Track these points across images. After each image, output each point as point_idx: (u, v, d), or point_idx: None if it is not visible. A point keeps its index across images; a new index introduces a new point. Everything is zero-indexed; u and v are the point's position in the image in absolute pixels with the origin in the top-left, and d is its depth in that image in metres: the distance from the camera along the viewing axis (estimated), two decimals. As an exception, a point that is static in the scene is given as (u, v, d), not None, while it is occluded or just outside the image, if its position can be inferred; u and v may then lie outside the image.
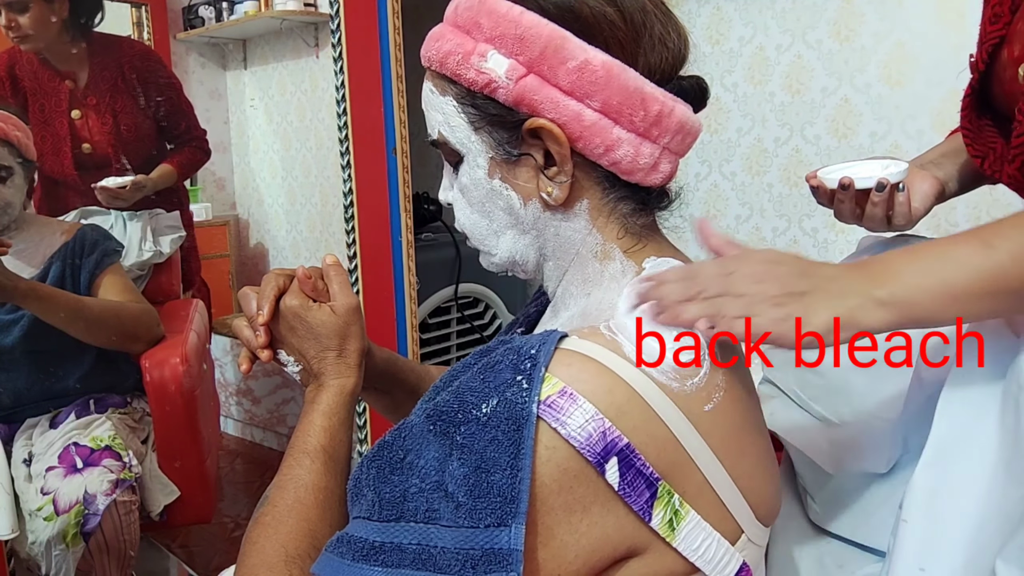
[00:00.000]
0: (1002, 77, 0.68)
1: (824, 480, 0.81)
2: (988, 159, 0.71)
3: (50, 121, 1.88)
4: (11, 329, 1.48)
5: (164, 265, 1.97)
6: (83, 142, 1.91)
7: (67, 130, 1.89)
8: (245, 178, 3.05)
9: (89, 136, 1.92)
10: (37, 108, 1.86)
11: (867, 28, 1.82)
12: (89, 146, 1.92)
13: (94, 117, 1.91)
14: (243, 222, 3.07)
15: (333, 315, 0.66)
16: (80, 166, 1.91)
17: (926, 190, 0.82)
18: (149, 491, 1.50)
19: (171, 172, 1.98)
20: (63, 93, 1.88)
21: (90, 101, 1.90)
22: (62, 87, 1.88)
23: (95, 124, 1.91)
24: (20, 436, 1.50)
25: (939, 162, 0.86)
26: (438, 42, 0.58)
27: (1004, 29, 0.67)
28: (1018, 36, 0.65)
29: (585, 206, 0.59)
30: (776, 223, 2.07)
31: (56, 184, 1.97)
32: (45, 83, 1.87)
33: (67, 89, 1.89)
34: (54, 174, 1.92)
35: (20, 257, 1.53)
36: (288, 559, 0.55)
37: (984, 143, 0.72)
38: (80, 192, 1.92)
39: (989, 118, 0.73)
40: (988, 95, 0.72)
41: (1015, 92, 0.63)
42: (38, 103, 1.87)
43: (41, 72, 1.87)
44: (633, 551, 0.50)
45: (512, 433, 0.46)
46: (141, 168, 1.95)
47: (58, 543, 1.29)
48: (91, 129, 1.91)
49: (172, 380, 1.51)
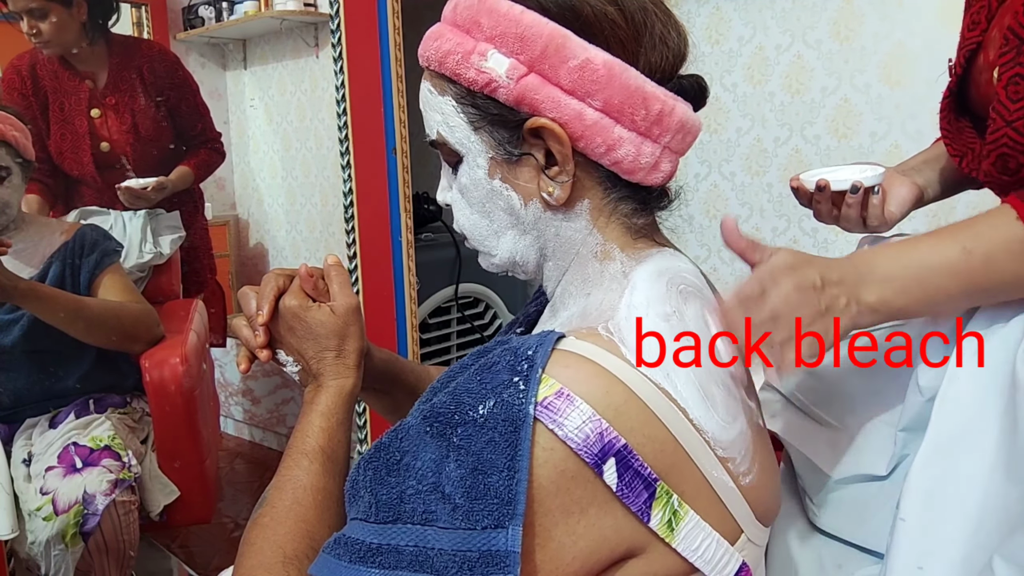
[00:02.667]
0: (979, 80, 0.73)
1: (823, 482, 0.81)
2: (966, 158, 0.75)
3: (70, 120, 1.91)
4: (11, 329, 1.48)
5: (164, 265, 1.97)
6: (102, 141, 1.95)
7: (86, 128, 1.92)
8: (245, 178, 3.05)
9: (108, 135, 1.95)
10: (57, 107, 1.89)
11: (867, 28, 1.82)
12: (107, 145, 1.95)
13: (113, 117, 1.95)
14: (243, 222, 3.07)
15: (332, 315, 0.66)
16: (98, 164, 1.95)
17: (904, 195, 0.87)
18: (149, 491, 1.50)
19: (189, 173, 2.04)
20: (83, 92, 1.92)
21: (109, 101, 1.94)
22: (82, 87, 1.92)
23: (114, 123, 1.95)
24: (20, 436, 1.50)
25: (919, 168, 0.90)
26: (436, 41, 0.58)
27: (981, 36, 0.72)
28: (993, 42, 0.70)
29: (586, 206, 0.59)
30: (776, 223, 2.07)
31: (74, 182, 2.00)
32: (65, 82, 1.90)
33: (87, 89, 1.92)
34: (73, 172, 1.96)
35: (19, 257, 1.53)
36: (286, 560, 0.55)
37: (963, 143, 0.76)
38: (97, 190, 1.95)
39: (967, 120, 0.77)
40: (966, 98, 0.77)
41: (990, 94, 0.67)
42: (58, 102, 1.90)
43: (61, 72, 1.90)
44: (632, 552, 0.50)
45: (509, 435, 0.46)
46: (156, 168, 1.98)
47: (57, 543, 1.29)
48: (110, 128, 1.95)
49: (172, 380, 1.51)
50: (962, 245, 0.61)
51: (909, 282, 0.62)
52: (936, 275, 0.62)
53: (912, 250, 0.63)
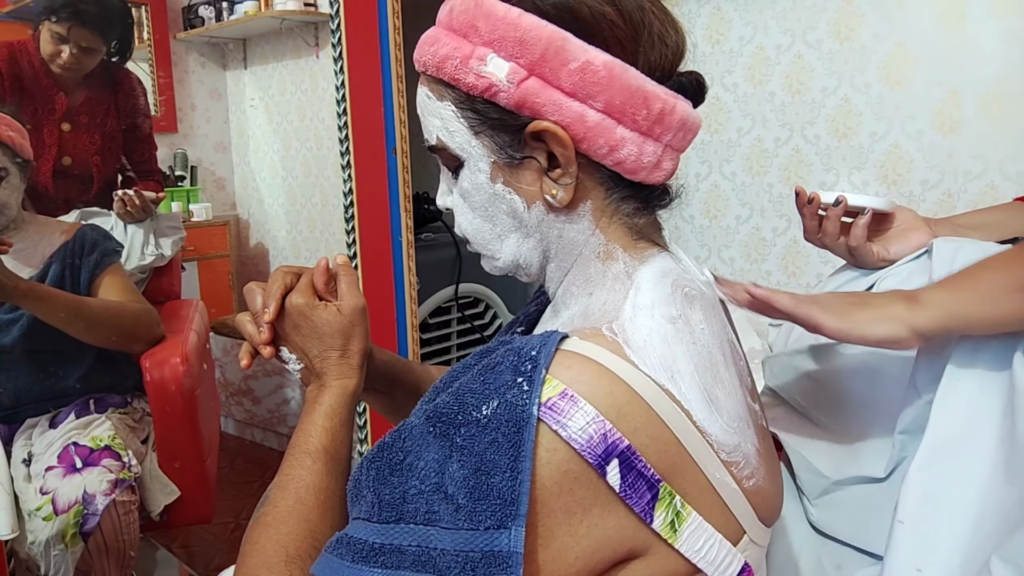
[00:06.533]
0: None
1: (822, 483, 0.81)
2: None
3: (39, 126, 1.91)
4: (11, 329, 1.48)
5: (165, 266, 1.97)
6: (64, 155, 1.96)
7: (56, 139, 1.93)
8: (245, 178, 3.05)
9: (72, 150, 1.97)
10: (30, 111, 1.89)
11: (867, 28, 1.82)
12: (69, 159, 1.97)
13: (82, 133, 1.97)
14: (243, 222, 3.07)
15: (338, 315, 0.66)
16: (54, 174, 1.96)
17: (914, 242, 0.86)
18: (149, 491, 1.50)
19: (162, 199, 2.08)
20: (59, 104, 1.93)
21: (81, 119, 1.96)
22: (58, 98, 1.92)
23: (82, 140, 1.97)
24: (20, 436, 1.50)
25: (968, 223, 0.89)
26: (433, 46, 0.57)
27: None
28: None
29: (588, 207, 0.59)
30: (776, 223, 2.07)
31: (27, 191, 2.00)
32: (44, 89, 1.90)
33: (63, 101, 1.93)
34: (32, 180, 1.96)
35: (19, 257, 1.53)
36: (288, 559, 0.55)
37: None
38: (49, 200, 1.95)
39: None
40: None
41: None
42: (31, 107, 1.90)
43: (43, 79, 1.90)
44: (634, 553, 0.50)
45: (512, 435, 0.46)
46: (104, 189, 2.01)
47: (57, 543, 1.29)
48: (76, 143, 1.97)
49: (172, 380, 1.51)
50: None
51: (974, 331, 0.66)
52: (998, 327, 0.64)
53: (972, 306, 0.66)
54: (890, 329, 0.67)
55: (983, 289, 0.65)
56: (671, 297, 0.56)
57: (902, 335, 0.66)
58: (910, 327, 0.66)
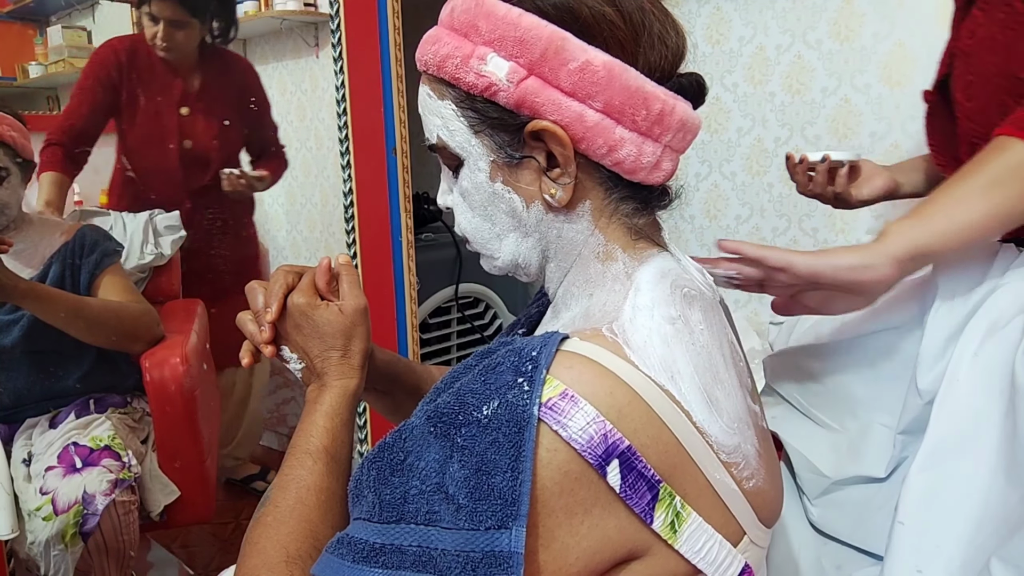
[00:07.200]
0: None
1: (823, 483, 0.81)
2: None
3: (161, 112, 1.99)
4: (11, 329, 1.48)
5: (164, 266, 1.97)
6: (185, 138, 2.03)
7: (176, 123, 2.00)
8: (245, 178, 3.04)
9: (192, 134, 2.03)
10: (148, 98, 1.97)
11: (867, 28, 1.82)
12: (190, 143, 2.03)
13: (201, 117, 2.03)
14: (243, 222, 3.07)
15: (340, 315, 0.66)
16: (180, 160, 2.03)
17: (877, 184, 1.07)
18: (149, 491, 1.50)
19: (268, 176, 2.20)
20: (176, 89, 2.00)
21: (199, 103, 2.03)
22: (175, 83, 1.99)
23: (201, 124, 2.04)
24: (20, 436, 1.50)
25: (903, 167, 1.09)
26: (434, 45, 0.58)
27: None
28: None
29: (588, 207, 0.59)
30: (776, 223, 2.07)
31: (149, 175, 2.06)
32: (160, 77, 1.97)
33: (180, 86, 2.00)
34: (152, 163, 2.04)
35: (19, 258, 1.53)
36: (289, 559, 0.55)
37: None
38: (174, 184, 2.03)
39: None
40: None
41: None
42: (150, 94, 1.97)
43: (159, 67, 1.97)
44: (634, 553, 0.50)
45: (513, 435, 0.46)
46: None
47: (57, 543, 1.29)
48: (196, 128, 2.03)
49: (172, 380, 1.51)
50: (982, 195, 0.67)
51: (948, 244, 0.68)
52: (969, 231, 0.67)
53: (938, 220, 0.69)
54: (861, 256, 0.69)
55: (945, 203, 0.69)
56: (670, 298, 0.56)
57: (874, 261, 0.69)
58: (882, 253, 0.69)
